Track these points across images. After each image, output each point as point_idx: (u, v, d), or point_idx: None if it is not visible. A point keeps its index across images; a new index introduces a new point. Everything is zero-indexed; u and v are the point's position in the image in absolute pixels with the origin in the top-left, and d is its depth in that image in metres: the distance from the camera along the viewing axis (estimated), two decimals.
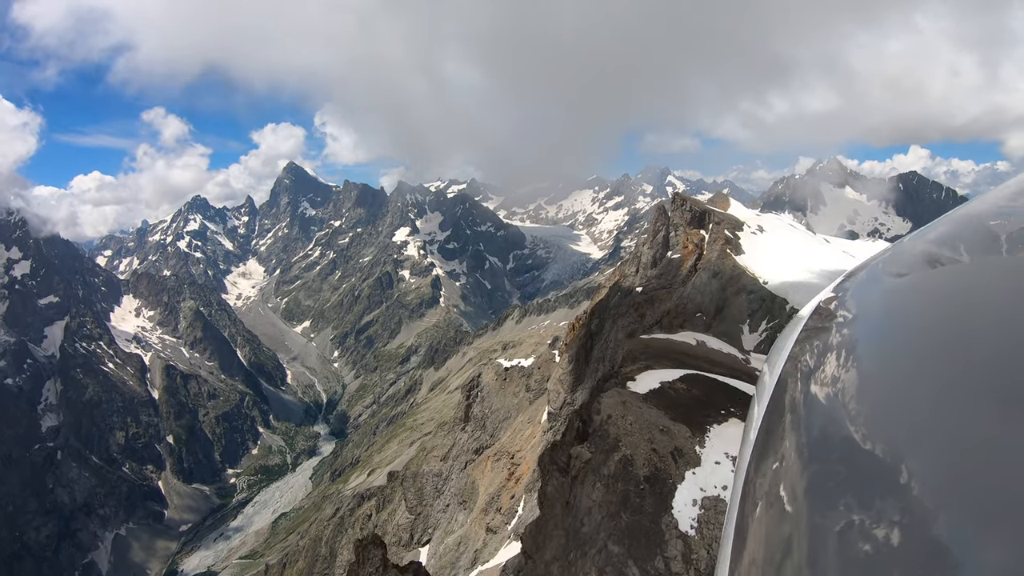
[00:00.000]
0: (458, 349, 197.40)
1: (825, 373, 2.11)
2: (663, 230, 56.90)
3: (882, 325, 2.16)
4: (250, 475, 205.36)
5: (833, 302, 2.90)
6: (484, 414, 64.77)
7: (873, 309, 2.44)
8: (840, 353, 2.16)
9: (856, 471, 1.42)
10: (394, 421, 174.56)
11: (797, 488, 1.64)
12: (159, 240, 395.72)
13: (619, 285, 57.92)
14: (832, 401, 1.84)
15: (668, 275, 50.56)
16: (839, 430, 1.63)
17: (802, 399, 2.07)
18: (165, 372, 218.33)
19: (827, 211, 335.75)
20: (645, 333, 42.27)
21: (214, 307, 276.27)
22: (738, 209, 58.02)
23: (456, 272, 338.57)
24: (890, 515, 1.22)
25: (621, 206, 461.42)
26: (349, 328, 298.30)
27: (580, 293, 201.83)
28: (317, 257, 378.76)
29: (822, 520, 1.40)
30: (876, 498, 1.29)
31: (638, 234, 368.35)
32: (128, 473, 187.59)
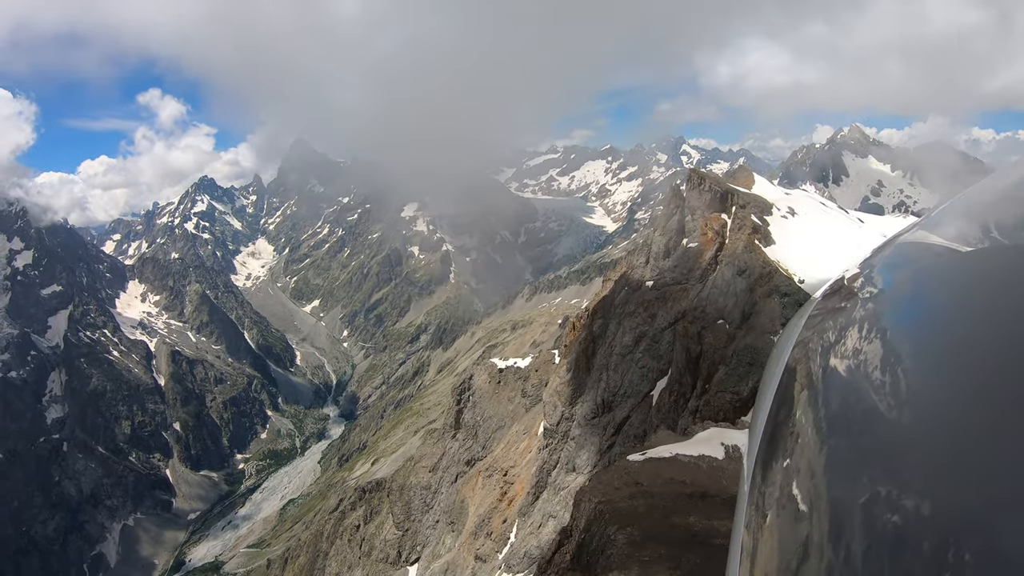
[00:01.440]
0: (466, 329, 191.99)
1: (846, 346, 2.06)
2: (677, 214, 48.64)
3: (912, 300, 2.08)
4: (259, 460, 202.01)
5: (858, 279, 2.83)
6: (476, 421, 58.10)
7: (900, 283, 2.36)
8: (863, 326, 2.09)
9: (881, 441, 1.37)
10: (401, 404, 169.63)
11: (816, 463, 1.57)
12: (167, 222, 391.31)
13: (626, 278, 49.92)
14: (854, 373, 1.78)
15: (683, 267, 43.09)
16: (861, 401, 1.57)
17: (820, 373, 2.00)
18: (171, 358, 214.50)
19: (849, 182, 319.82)
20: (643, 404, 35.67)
21: (221, 290, 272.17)
22: (764, 187, 49.61)
23: (466, 247, 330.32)
24: (918, 484, 1.18)
25: (635, 176, 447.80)
26: (358, 307, 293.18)
27: (592, 269, 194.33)
28: (326, 235, 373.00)
29: (845, 493, 1.35)
30: (903, 468, 1.24)
31: (652, 206, 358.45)
32: (135, 462, 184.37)
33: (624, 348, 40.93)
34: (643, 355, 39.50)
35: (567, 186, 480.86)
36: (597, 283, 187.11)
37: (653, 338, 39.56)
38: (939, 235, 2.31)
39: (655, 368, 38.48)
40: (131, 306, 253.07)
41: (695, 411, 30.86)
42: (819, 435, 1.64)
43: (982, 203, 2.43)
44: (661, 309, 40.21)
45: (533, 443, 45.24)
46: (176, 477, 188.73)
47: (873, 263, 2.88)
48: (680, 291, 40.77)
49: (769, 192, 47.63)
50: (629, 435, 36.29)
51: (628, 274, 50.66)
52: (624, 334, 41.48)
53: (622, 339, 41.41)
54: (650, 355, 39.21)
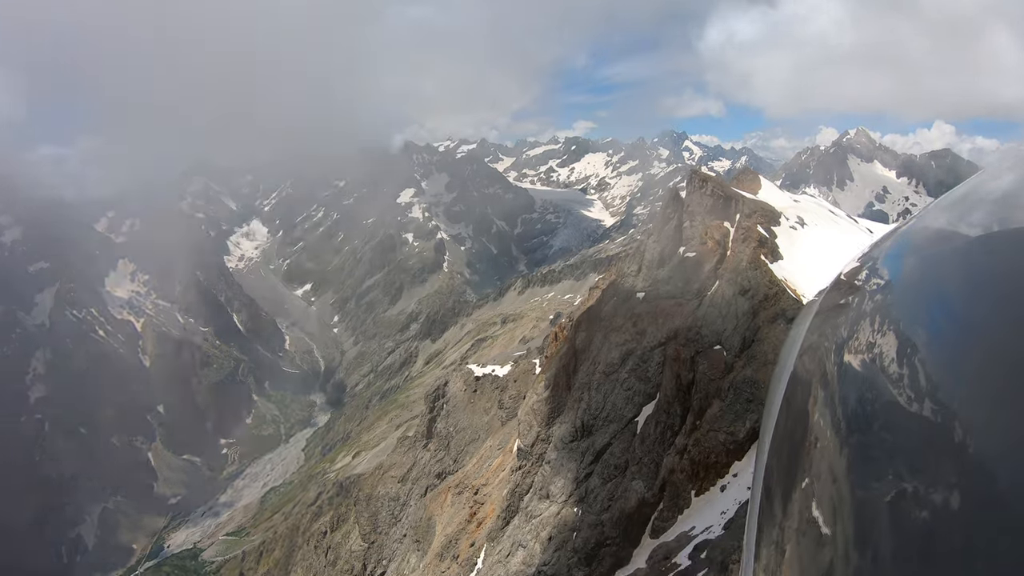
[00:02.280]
0: (456, 320, 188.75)
1: (859, 341, 2.01)
2: (674, 218, 44.67)
3: (920, 290, 2.03)
4: (242, 445, 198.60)
5: (861, 272, 2.77)
6: (449, 432, 54.58)
7: (907, 276, 2.29)
8: (875, 320, 2.06)
9: (904, 436, 1.30)
10: (387, 396, 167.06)
11: (837, 464, 1.53)
12: (162, 200, 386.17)
13: (615, 287, 46.09)
14: (870, 368, 1.73)
15: (679, 279, 39.47)
16: (880, 395, 1.53)
17: (835, 371, 1.96)
18: (157, 339, 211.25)
19: (854, 187, 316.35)
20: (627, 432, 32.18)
21: (211, 271, 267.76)
22: (770, 192, 45.86)
23: (461, 236, 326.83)
24: (947, 477, 1.12)
25: (635, 171, 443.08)
26: (350, 293, 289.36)
27: (587, 264, 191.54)
28: (320, 218, 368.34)
29: (869, 493, 1.30)
30: (930, 462, 1.18)
31: (652, 201, 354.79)
32: (116, 444, 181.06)
33: (609, 366, 37.48)
34: (629, 376, 36.03)
35: (566, 178, 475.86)
36: (591, 279, 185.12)
37: (641, 357, 36.04)
38: (941, 224, 2.34)
39: (642, 391, 35.05)
40: (120, 285, 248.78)
41: (683, 450, 27.48)
42: (840, 441, 1.62)
43: (981, 193, 2.42)
44: (652, 325, 36.66)
45: (507, 461, 42.00)
46: (158, 461, 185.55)
47: (874, 255, 2.84)
48: (674, 306, 37.25)
49: (776, 199, 43.87)
50: (609, 465, 33.10)
51: (617, 283, 46.93)
52: (610, 350, 38.07)
53: (607, 356, 37.97)
54: (637, 376, 35.70)
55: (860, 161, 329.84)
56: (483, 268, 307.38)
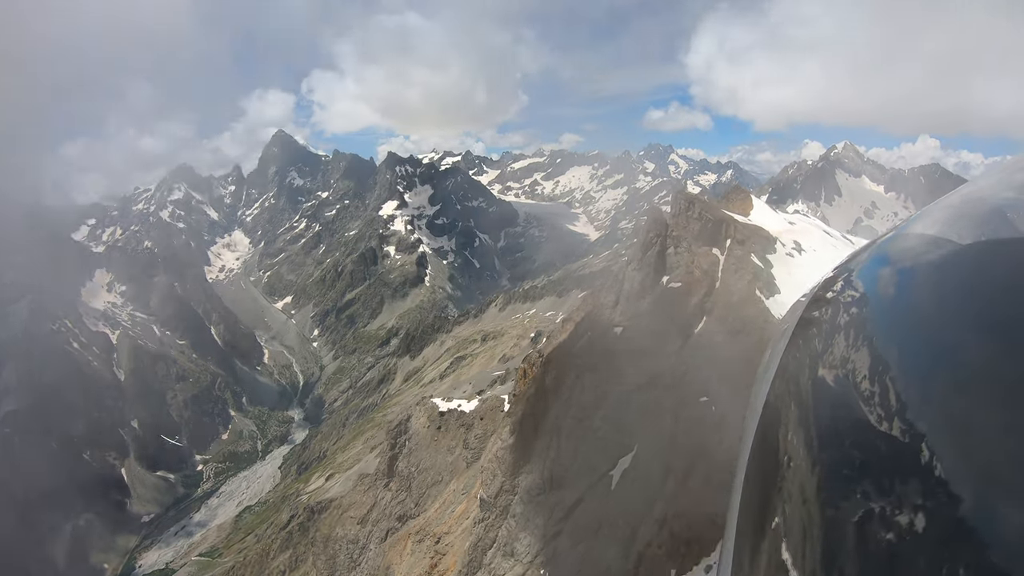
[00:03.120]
0: (436, 337, 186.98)
1: (834, 356, 1.98)
2: (657, 244, 40.96)
3: (894, 305, 2.01)
4: (218, 462, 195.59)
5: (836, 285, 2.72)
6: (411, 472, 52.60)
7: (882, 290, 2.27)
8: (849, 333, 2.03)
9: (872, 455, 1.32)
10: (364, 414, 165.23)
11: (807, 482, 1.52)
12: (143, 209, 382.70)
13: (590, 320, 42.55)
14: (842, 384, 1.72)
15: (662, 313, 36.43)
16: (851, 412, 1.51)
17: (809, 386, 1.94)
18: (132, 352, 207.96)
19: (842, 202, 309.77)
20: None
21: (189, 282, 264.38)
22: (763, 213, 42.63)
23: (444, 249, 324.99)
24: (912, 499, 1.15)
25: (620, 184, 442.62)
26: (330, 306, 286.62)
27: (570, 280, 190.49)
28: (302, 230, 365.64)
29: (837, 512, 1.31)
30: (896, 482, 1.20)
31: (637, 215, 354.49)
32: (89, 460, 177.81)
33: (581, 410, 34.80)
34: (603, 423, 33.25)
35: (551, 191, 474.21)
36: (574, 295, 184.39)
37: (618, 402, 33.22)
38: (920, 237, 2.28)
39: (617, 442, 32.00)
40: (96, 295, 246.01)
41: (663, 521, 25.22)
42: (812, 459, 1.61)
43: (960, 205, 2.41)
44: (630, 365, 33.83)
45: (471, 508, 40.17)
46: (131, 477, 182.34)
47: (851, 267, 2.79)
48: (656, 345, 34.19)
49: (770, 221, 40.93)
50: (580, 524, 30.36)
51: (593, 315, 43.44)
52: (583, 392, 35.47)
53: (580, 398, 35.40)
54: (612, 424, 32.88)
55: (848, 176, 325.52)
56: (465, 282, 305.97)
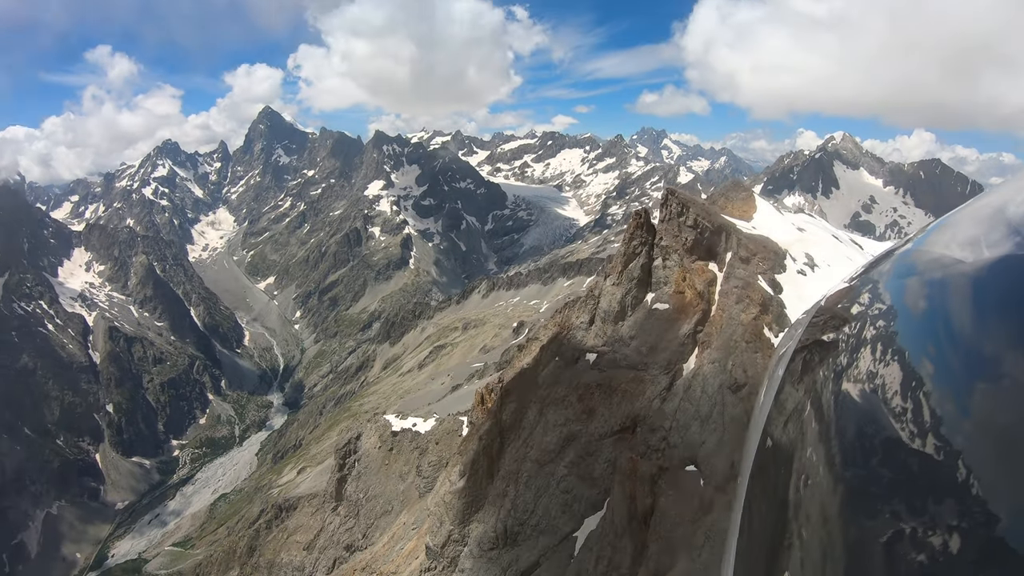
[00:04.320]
0: (416, 323, 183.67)
1: (859, 370, 1.90)
2: (642, 254, 34.02)
3: (926, 318, 1.92)
4: (195, 447, 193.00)
5: (862, 294, 2.61)
6: (360, 498, 48.66)
7: (912, 303, 2.16)
8: (877, 348, 1.93)
9: (903, 473, 1.28)
10: (341, 402, 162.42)
11: (829, 501, 1.45)
12: (126, 186, 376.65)
13: (559, 342, 36.11)
14: (870, 399, 1.66)
15: (644, 342, 30.02)
16: (880, 429, 1.47)
17: (832, 400, 1.88)
18: (108, 335, 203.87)
19: (840, 195, 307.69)
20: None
21: (169, 262, 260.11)
22: (768, 216, 35.02)
23: (430, 231, 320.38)
24: (947, 518, 1.11)
25: (612, 168, 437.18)
26: (313, 287, 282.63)
27: (556, 268, 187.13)
28: (287, 208, 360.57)
29: (863, 532, 1.26)
30: (930, 501, 1.17)
31: (628, 201, 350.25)
32: (62, 446, 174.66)
33: (544, 453, 29.09)
34: (569, 471, 27.45)
35: (541, 173, 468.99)
36: (559, 284, 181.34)
37: (587, 448, 27.40)
38: (948, 246, 2.14)
39: (584, 497, 26.38)
40: (74, 275, 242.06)
41: None
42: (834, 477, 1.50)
43: (991, 213, 2.27)
44: (604, 404, 27.87)
45: (420, 547, 36.70)
46: (106, 463, 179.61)
47: (873, 278, 2.63)
48: (634, 382, 27.94)
49: (777, 226, 33.69)
50: None
51: (562, 338, 36.89)
52: (546, 431, 29.73)
53: (542, 439, 29.70)
54: (579, 474, 27.01)
55: (846, 168, 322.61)
56: (450, 265, 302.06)
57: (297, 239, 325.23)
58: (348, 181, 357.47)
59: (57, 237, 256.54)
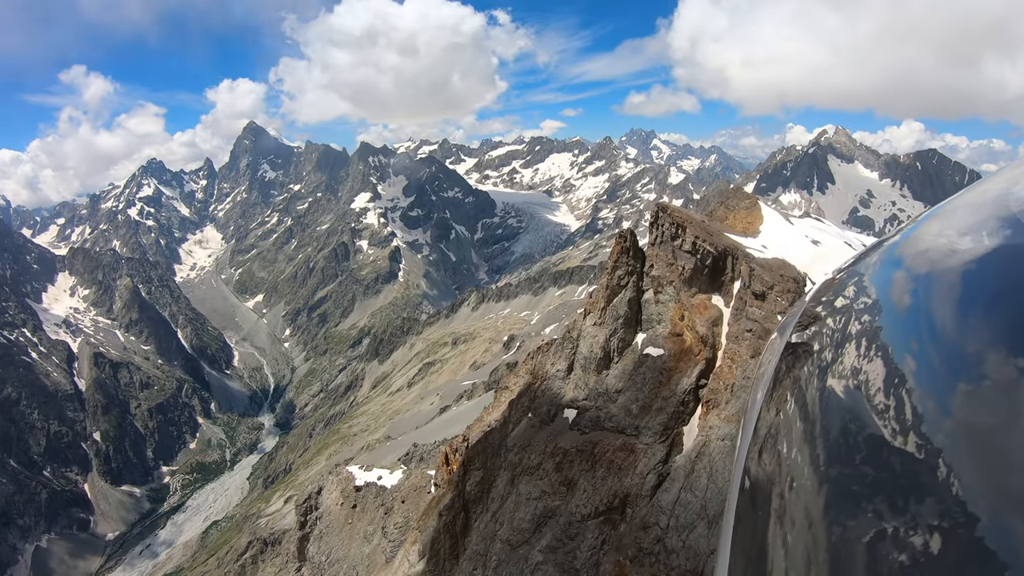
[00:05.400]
0: (405, 340, 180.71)
1: (844, 366, 1.85)
2: (629, 286, 28.52)
3: (911, 313, 1.87)
4: (185, 473, 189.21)
5: (846, 290, 2.53)
6: (322, 560, 44.77)
7: (896, 297, 2.08)
8: (862, 343, 1.88)
9: (885, 471, 1.21)
10: (331, 423, 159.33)
11: (813, 502, 1.41)
12: (111, 207, 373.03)
13: (532, 393, 30.63)
14: (854, 396, 1.62)
15: (634, 398, 24.83)
16: (863, 426, 1.42)
17: (817, 397, 1.83)
18: (93, 361, 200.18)
19: (836, 190, 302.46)
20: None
21: (155, 284, 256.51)
22: (777, 228, 30.33)
23: (419, 243, 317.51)
24: (927, 518, 1.07)
25: (601, 171, 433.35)
26: (302, 304, 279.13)
27: (547, 278, 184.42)
28: (274, 224, 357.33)
29: (846, 531, 1.20)
30: (911, 501, 1.11)
31: (619, 203, 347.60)
32: (50, 477, 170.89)
33: (516, 532, 24.31)
34: (546, 558, 22.64)
35: (530, 179, 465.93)
36: (550, 294, 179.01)
37: (567, 530, 22.65)
38: (936, 239, 2.14)
39: None
40: (58, 300, 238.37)
41: None
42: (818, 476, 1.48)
43: (983, 204, 2.22)
44: (586, 476, 23.31)
45: None
46: (95, 493, 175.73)
47: (860, 271, 2.59)
48: (623, 451, 23.19)
49: (790, 243, 28.17)
50: None
51: (536, 389, 30.74)
52: (519, 506, 24.94)
53: (514, 514, 24.92)
54: (558, 562, 22.20)
55: (840, 162, 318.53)
56: (440, 277, 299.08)
57: (285, 255, 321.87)
58: (335, 194, 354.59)
59: (40, 262, 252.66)
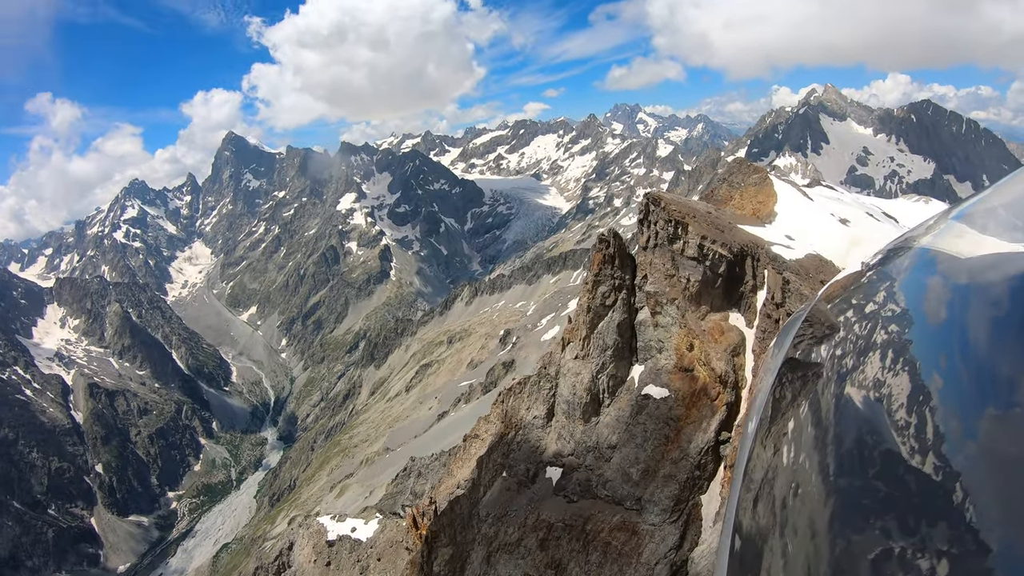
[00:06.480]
0: (400, 342, 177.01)
1: (866, 376, 1.75)
2: (617, 304, 23.23)
3: (944, 329, 1.75)
4: (192, 496, 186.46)
5: (876, 294, 2.39)
6: None
7: (930, 310, 1.93)
8: (888, 354, 1.77)
9: (898, 489, 1.18)
10: (331, 434, 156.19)
11: (818, 512, 1.37)
12: (97, 232, 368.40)
13: (506, 446, 25.82)
14: (873, 408, 1.55)
15: (635, 456, 20.01)
16: (880, 440, 1.36)
17: (833, 404, 1.75)
18: (88, 392, 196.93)
19: (831, 150, 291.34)
20: None
21: (145, 307, 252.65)
22: (797, 209, 25.08)
23: (408, 239, 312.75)
24: (937, 543, 1.04)
25: (588, 150, 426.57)
26: (296, 312, 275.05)
27: (540, 265, 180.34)
28: (262, 234, 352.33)
29: (850, 545, 1.17)
30: (922, 522, 1.08)
31: (608, 181, 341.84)
32: (55, 515, 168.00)
33: None
34: None
35: (516, 164, 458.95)
36: (545, 282, 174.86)
37: None
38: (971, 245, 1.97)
39: None
40: (49, 333, 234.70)
41: None
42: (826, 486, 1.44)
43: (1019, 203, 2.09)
44: (577, 560, 18.75)
45: None
46: (102, 526, 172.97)
47: (890, 273, 2.46)
48: (622, 530, 18.58)
49: (817, 227, 22.69)
50: None
51: (509, 440, 25.46)
52: None
53: None
54: None
55: (833, 120, 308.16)
56: (434, 271, 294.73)
57: (275, 264, 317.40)
58: (319, 198, 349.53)
59: (28, 296, 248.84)
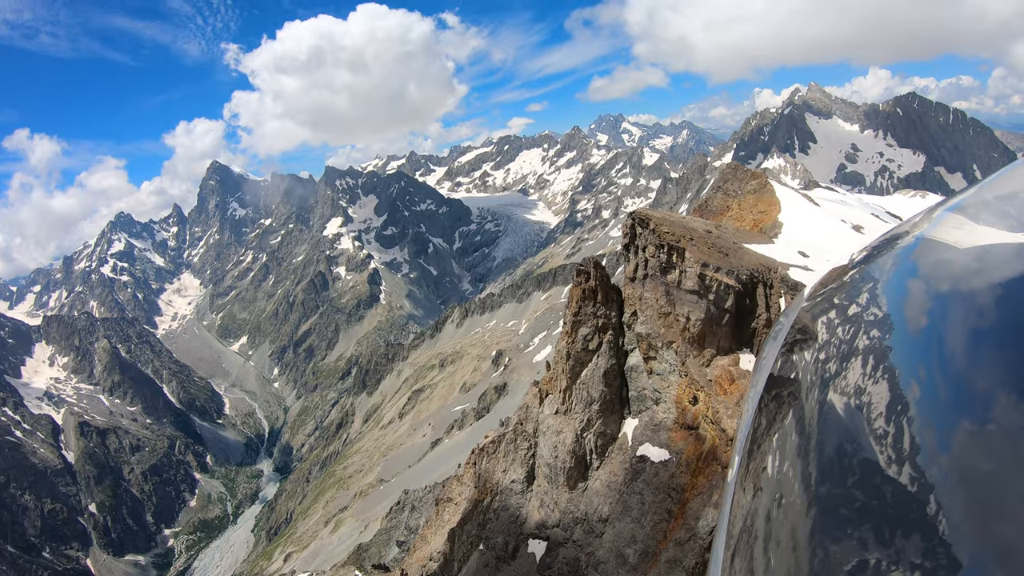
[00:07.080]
0: (392, 367, 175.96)
1: (848, 382, 1.72)
2: (602, 348, 20.73)
3: (925, 337, 1.69)
4: (188, 533, 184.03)
5: (860, 297, 2.32)
6: None
7: (911, 315, 1.87)
8: (868, 361, 1.74)
9: (876, 499, 1.15)
10: (326, 465, 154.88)
11: (800, 523, 1.34)
12: (85, 267, 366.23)
13: (481, 514, 22.87)
14: (854, 416, 1.52)
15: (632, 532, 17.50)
16: (859, 449, 1.34)
17: (816, 410, 1.72)
18: (79, 431, 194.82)
19: (819, 149, 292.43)
20: None
21: (134, 341, 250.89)
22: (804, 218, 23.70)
23: (397, 261, 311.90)
24: (909, 555, 1.03)
25: (574, 163, 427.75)
26: (287, 341, 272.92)
27: (530, 283, 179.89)
28: (249, 263, 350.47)
29: (828, 555, 1.16)
30: (897, 535, 1.06)
31: (595, 193, 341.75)
32: (50, 558, 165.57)
33: None
34: None
35: (503, 180, 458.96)
36: (535, 299, 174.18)
37: None
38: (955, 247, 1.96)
39: None
40: (38, 372, 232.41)
41: None
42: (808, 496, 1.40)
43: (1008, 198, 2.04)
44: None
45: None
46: (98, 567, 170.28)
47: (872, 274, 2.39)
48: None
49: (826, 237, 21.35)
50: None
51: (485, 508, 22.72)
52: None
53: None
54: None
55: (819, 119, 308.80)
56: (424, 293, 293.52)
57: (264, 293, 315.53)
58: (306, 224, 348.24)
59: (15, 336, 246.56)
